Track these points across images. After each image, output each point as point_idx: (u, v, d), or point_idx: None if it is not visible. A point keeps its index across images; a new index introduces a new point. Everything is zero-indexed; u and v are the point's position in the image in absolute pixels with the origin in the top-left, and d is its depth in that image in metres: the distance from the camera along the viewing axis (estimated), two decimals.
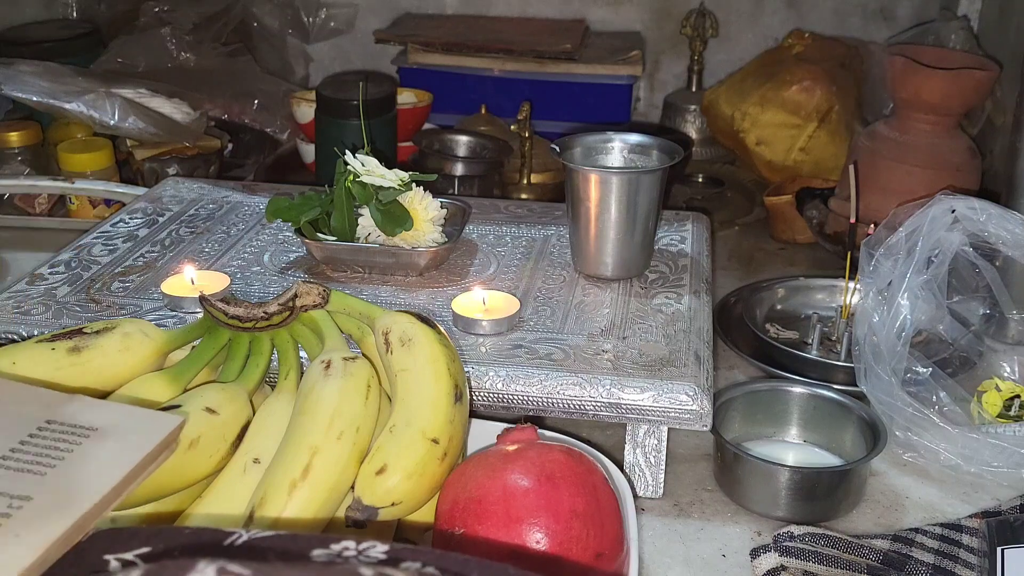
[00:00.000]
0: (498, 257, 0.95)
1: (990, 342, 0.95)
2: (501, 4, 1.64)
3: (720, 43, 1.57)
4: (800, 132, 1.30)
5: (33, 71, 1.25)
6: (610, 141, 0.94)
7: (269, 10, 1.61)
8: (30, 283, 0.87)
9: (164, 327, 0.76)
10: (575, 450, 0.62)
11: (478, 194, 1.21)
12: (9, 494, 0.45)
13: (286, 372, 0.67)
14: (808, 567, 0.67)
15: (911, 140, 1.08)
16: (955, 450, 0.80)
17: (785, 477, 0.75)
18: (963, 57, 1.13)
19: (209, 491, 0.61)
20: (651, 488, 0.77)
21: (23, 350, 0.64)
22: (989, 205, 0.85)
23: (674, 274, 0.92)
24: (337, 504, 0.59)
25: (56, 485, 0.46)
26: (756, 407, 0.84)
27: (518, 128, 1.28)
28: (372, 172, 0.89)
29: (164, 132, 1.26)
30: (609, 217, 0.88)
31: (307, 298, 0.69)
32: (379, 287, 0.88)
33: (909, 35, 1.40)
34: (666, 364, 0.77)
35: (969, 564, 0.70)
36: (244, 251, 0.95)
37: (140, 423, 0.52)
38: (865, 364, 0.83)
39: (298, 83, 1.62)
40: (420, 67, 1.50)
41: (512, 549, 0.56)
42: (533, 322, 0.83)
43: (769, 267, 1.18)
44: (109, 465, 0.48)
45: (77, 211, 1.21)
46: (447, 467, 0.61)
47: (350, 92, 1.15)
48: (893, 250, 0.85)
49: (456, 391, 0.63)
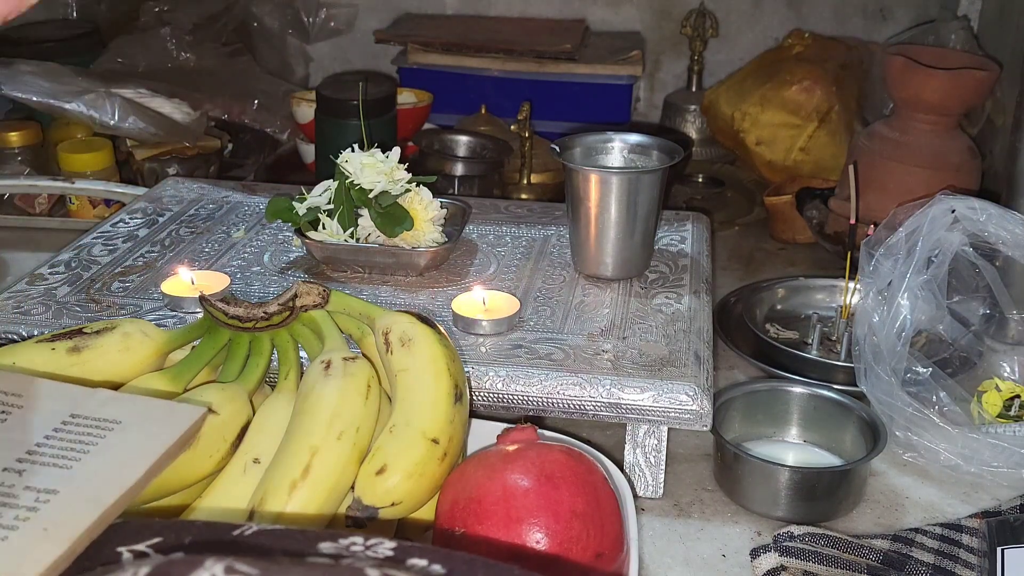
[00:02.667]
0: (498, 257, 0.95)
1: (990, 342, 0.95)
2: (501, 4, 1.64)
3: (720, 43, 1.57)
4: (800, 132, 1.30)
5: (33, 71, 1.25)
6: (610, 141, 0.94)
7: (269, 10, 1.61)
8: (30, 283, 0.87)
9: (164, 327, 0.76)
10: (575, 450, 0.62)
11: (478, 194, 1.21)
12: (36, 488, 0.45)
13: (286, 372, 0.67)
14: (808, 567, 0.67)
15: (911, 140, 1.08)
16: (955, 450, 0.80)
17: (785, 477, 0.75)
18: (963, 57, 1.13)
19: (209, 491, 0.61)
20: (651, 488, 0.77)
21: (23, 350, 0.64)
22: (989, 205, 0.85)
23: (674, 274, 0.92)
24: (337, 504, 0.59)
25: (82, 478, 0.46)
26: (756, 407, 0.84)
27: (518, 128, 1.28)
28: (365, 173, 0.88)
29: (164, 132, 1.26)
30: (609, 217, 0.88)
31: (307, 298, 0.69)
32: (379, 287, 0.88)
33: (909, 35, 1.40)
34: (666, 364, 0.77)
35: (969, 564, 0.70)
36: (244, 251, 0.95)
37: (162, 415, 0.52)
38: (865, 364, 0.83)
39: (298, 83, 1.62)
40: (420, 67, 1.50)
41: (512, 549, 0.56)
42: (533, 322, 0.83)
43: (769, 267, 1.18)
44: (133, 457, 0.48)
45: (77, 211, 1.22)
46: (447, 467, 0.61)
47: (350, 92, 1.15)
48: (893, 250, 0.85)
49: (456, 391, 0.63)
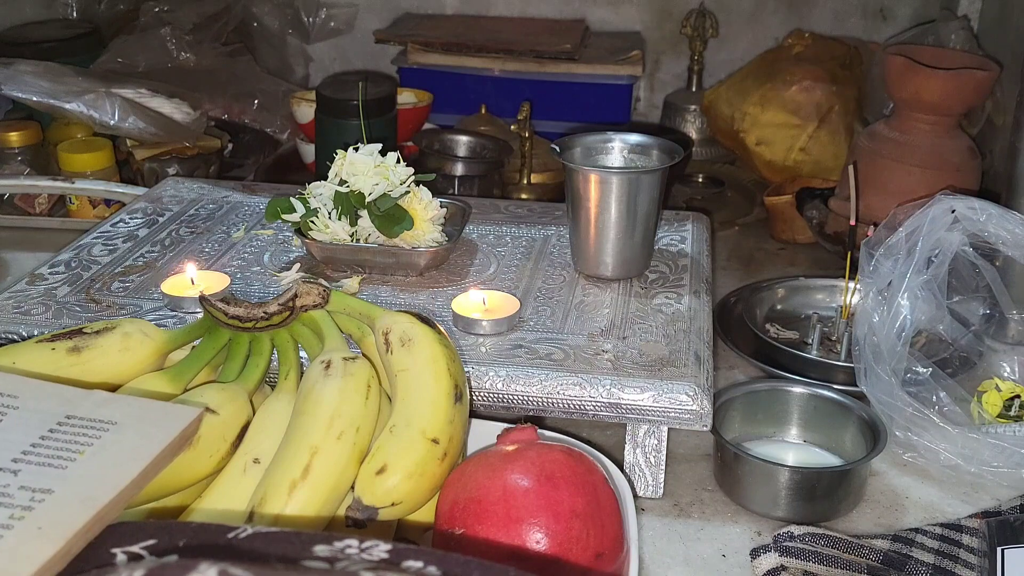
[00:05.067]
0: (498, 257, 0.95)
1: (990, 342, 0.95)
2: (501, 4, 1.64)
3: (720, 43, 1.57)
4: (800, 132, 1.30)
5: (33, 71, 1.25)
6: (610, 141, 0.94)
7: (269, 10, 1.61)
8: (30, 283, 0.87)
9: (164, 327, 0.76)
10: (575, 450, 0.62)
11: (478, 194, 1.21)
12: (31, 487, 0.45)
13: (286, 372, 0.67)
14: (808, 567, 0.67)
15: (911, 140, 1.08)
16: (955, 450, 0.80)
17: (785, 477, 0.75)
18: (963, 57, 1.13)
19: (209, 491, 0.61)
20: (651, 488, 0.77)
21: (23, 350, 0.64)
22: (989, 205, 0.85)
23: (674, 274, 0.92)
24: (337, 504, 0.59)
25: (77, 478, 0.46)
26: (756, 407, 0.84)
27: (518, 128, 1.28)
28: (361, 175, 0.88)
29: (164, 132, 1.26)
30: (609, 217, 0.88)
31: (307, 298, 0.69)
32: (379, 287, 0.88)
33: (909, 35, 1.40)
34: (666, 364, 0.77)
35: (969, 564, 0.70)
36: (244, 251, 0.95)
37: (158, 416, 0.52)
38: (865, 364, 0.83)
39: (298, 83, 1.62)
40: (420, 67, 1.50)
41: (512, 549, 0.56)
42: (533, 322, 0.83)
43: (769, 267, 1.18)
44: (129, 458, 0.48)
45: (77, 211, 1.21)
46: (447, 467, 0.61)
47: (350, 92, 1.15)
48: (893, 250, 0.85)
49: (456, 391, 0.63)
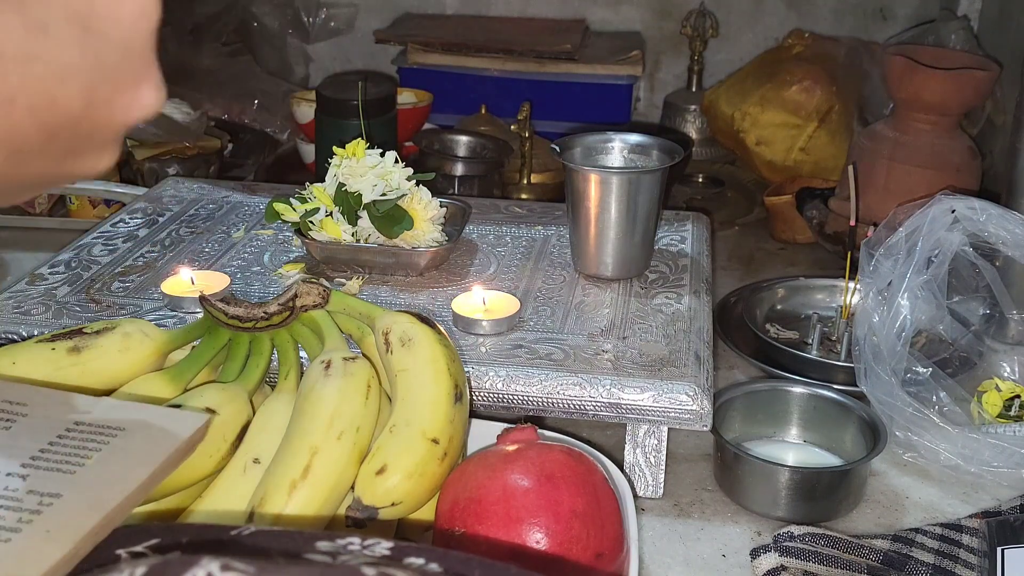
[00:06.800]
0: (498, 257, 0.95)
1: (990, 342, 0.95)
2: (501, 4, 1.64)
3: (720, 43, 1.57)
4: (800, 132, 1.30)
5: None
6: (610, 141, 0.94)
7: (269, 10, 1.61)
8: (30, 283, 0.87)
9: (164, 327, 0.75)
10: (575, 450, 0.62)
11: (478, 194, 1.21)
12: (39, 492, 0.45)
13: (286, 372, 0.67)
14: (808, 567, 0.67)
15: (911, 140, 1.08)
16: (955, 450, 0.80)
17: (785, 477, 0.75)
18: (963, 57, 1.13)
19: (209, 491, 0.61)
20: (651, 488, 0.77)
21: (23, 350, 0.64)
22: (989, 205, 0.85)
23: (674, 274, 0.92)
24: (337, 504, 0.59)
25: (85, 483, 0.46)
26: (756, 407, 0.84)
27: (518, 128, 1.28)
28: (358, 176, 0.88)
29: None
30: (609, 217, 0.88)
31: (307, 298, 0.69)
32: (379, 287, 0.88)
33: (909, 35, 1.40)
34: (666, 364, 0.77)
35: (969, 564, 0.70)
36: (244, 251, 0.95)
37: (166, 423, 0.52)
38: (865, 364, 0.83)
39: (298, 83, 1.62)
40: (420, 67, 1.50)
41: (512, 549, 0.56)
42: (533, 322, 0.83)
43: (769, 267, 1.18)
44: (136, 463, 0.48)
45: (77, 211, 1.21)
46: (447, 467, 0.61)
47: (350, 92, 1.14)
48: (893, 250, 0.85)
49: (456, 391, 0.63)
